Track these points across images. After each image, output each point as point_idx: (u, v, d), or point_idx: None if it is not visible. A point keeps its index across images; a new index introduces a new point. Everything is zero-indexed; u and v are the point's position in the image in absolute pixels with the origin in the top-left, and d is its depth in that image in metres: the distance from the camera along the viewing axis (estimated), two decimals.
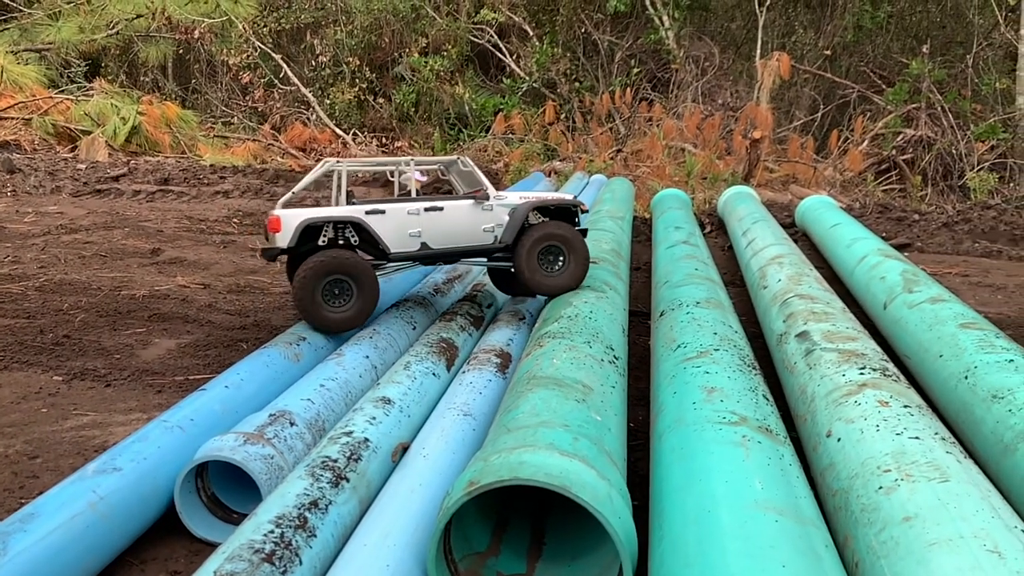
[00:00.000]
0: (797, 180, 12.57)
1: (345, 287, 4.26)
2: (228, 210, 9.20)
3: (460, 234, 4.48)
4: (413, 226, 4.37)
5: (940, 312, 4.58)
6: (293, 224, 4.16)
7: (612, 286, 5.05)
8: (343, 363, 3.97)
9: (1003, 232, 9.01)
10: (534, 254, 4.56)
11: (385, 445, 3.23)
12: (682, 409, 3.24)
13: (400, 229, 4.36)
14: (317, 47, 17.60)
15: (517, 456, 2.54)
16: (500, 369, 4.01)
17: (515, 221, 4.54)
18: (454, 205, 4.49)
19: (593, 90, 16.71)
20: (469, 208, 4.50)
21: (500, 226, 4.55)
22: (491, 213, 4.54)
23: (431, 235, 4.41)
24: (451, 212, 4.45)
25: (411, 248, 4.40)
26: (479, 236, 4.53)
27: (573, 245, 4.60)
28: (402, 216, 4.35)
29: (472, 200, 4.52)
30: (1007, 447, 3.24)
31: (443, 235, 4.44)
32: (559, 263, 4.62)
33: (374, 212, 4.31)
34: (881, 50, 16.00)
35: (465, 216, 4.49)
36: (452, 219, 4.45)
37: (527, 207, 4.61)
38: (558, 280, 4.62)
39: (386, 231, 4.32)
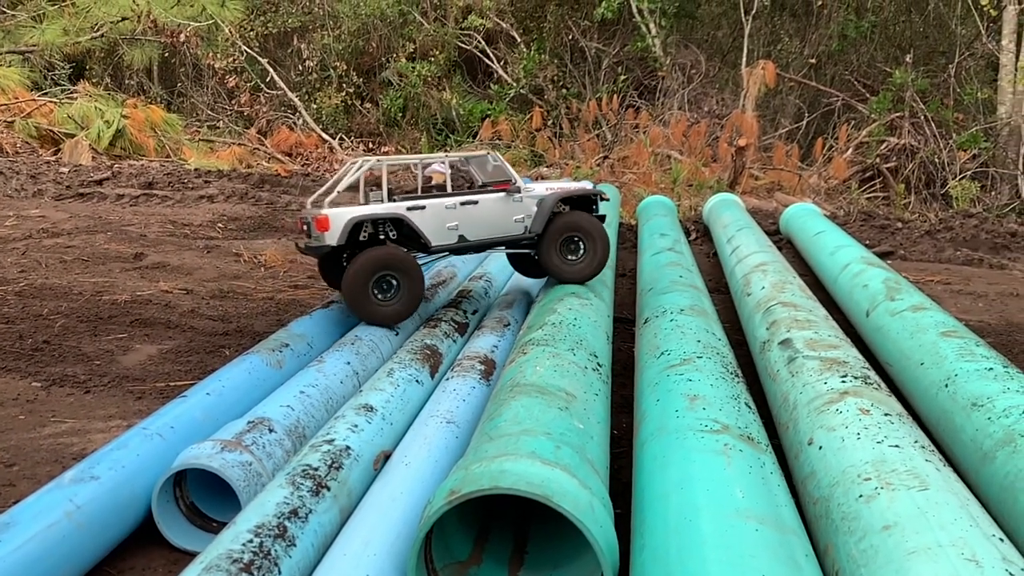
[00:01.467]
0: (782, 187, 12.65)
1: (393, 282, 4.44)
2: (213, 215, 9.14)
3: (493, 225, 4.73)
4: (451, 220, 4.59)
5: (922, 320, 4.62)
6: (342, 222, 4.33)
7: (597, 293, 5.06)
8: (324, 370, 3.95)
9: (984, 240, 9.09)
10: (556, 244, 4.83)
11: (367, 453, 3.21)
12: (665, 417, 3.24)
13: (439, 223, 4.57)
14: (304, 51, 17.56)
15: (498, 465, 2.53)
16: (484, 376, 4.00)
17: (543, 211, 4.79)
18: (487, 198, 4.71)
19: (580, 97, 16.77)
20: (501, 201, 4.74)
21: (529, 216, 4.80)
22: (521, 204, 4.78)
23: (467, 228, 4.63)
24: (485, 205, 4.68)
25: (450, 241, 4.63)
26: (511, 227, 4.78)
27: (593, 235, 4.87)
28: (441, 211, 4.56)
29: (503, 193, 4.74)
30: (986, 455, 3.26)
31: (478, 227, 4.67)
32: (580, 252, 4.90)
33: (415, 208, 4.52)
34: (865, 59, 16.16)
35: (498, 208, 4.73)
36: (486, 212, 4.69)
37: (554, 198, 4.85)
38: (579, 268, 4.92)
39: (427, 225, 4.53)
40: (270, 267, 7.04)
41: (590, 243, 4.90)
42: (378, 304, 4.43)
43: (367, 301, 4.39)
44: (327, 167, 13.58)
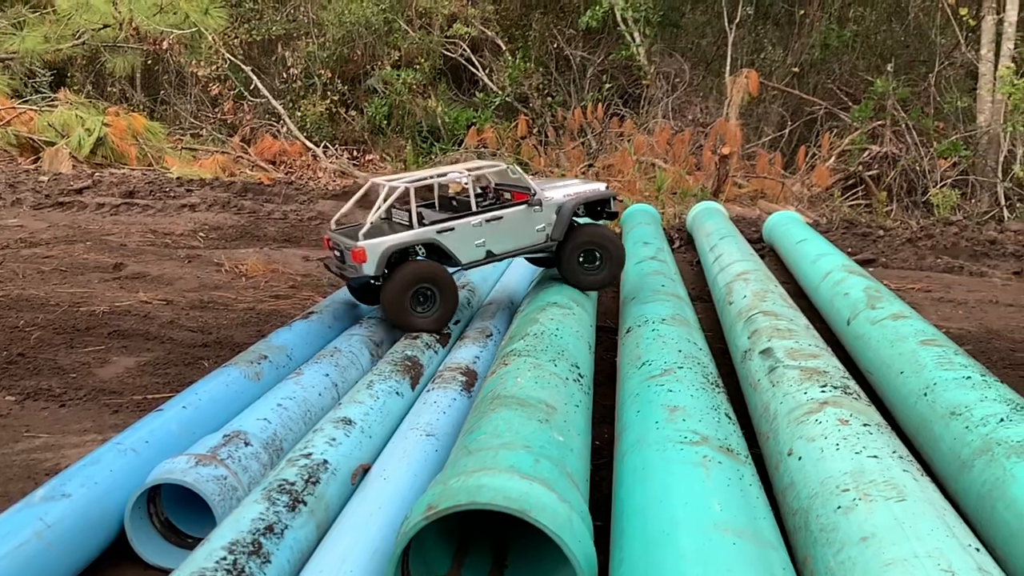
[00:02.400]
0: (765, 195, 12.71)
1: (430, 294, 4.65)
2: (194, 224, 9.08)
3: (518, 237, 4.92)
4: (478, 237, 4.79)
5: (901, 329, 4.64)
6: (378, 253, 4.49)
7: (579, 302, 5.05)
8: (302, 382, 3.92)
9: (964, 248, 9.17)
10: (575, 256, 5.09)
11: (345, 467, 3.18)
12: (645, 428, 3.23)
13: (468, 242, 4.76)
14: (288, 59, 17.49)
15: (476, 479, 2.51)
16: (465, 387, 3.97)
17: (563, 219, 4.99)
18: (510, 212, 4.88)
19: (565, 105, 16.80)
20: (523, 213, 4.91)
21: (550, 224, 4.99)
22: (542, 214, 4.96)
23: (493, 242, 4.84)
24: (508, 219, 4.87)
25: (478, 256, 4.84)
26: (534, 236, 4.97)
27: (609, 248, 5.13)
28: (468, 230, 4.75)
29: (525, 205, 4.91)
30: (964, 464, 3.28)
31: (504, 240, 4.87)
32: (597, 262, 5.15)
33: (445, 231, 4.69)
34: (847, 68, 16.29)
35: (521, 221, 4.91)
36: (510, 225, 4.88)
37: (572, 205, 5.02)
38: (596, 277, 5.20)
39: (456, 246, 4.72)
40: (251, 277, 6.99)
41: (607, 254, 5.15)
42: (417, 315, 4.63)
43: (407, 313, 4.59)
44: (311, 175, 13.52)
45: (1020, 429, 3.21)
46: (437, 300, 4.66)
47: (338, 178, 13.29)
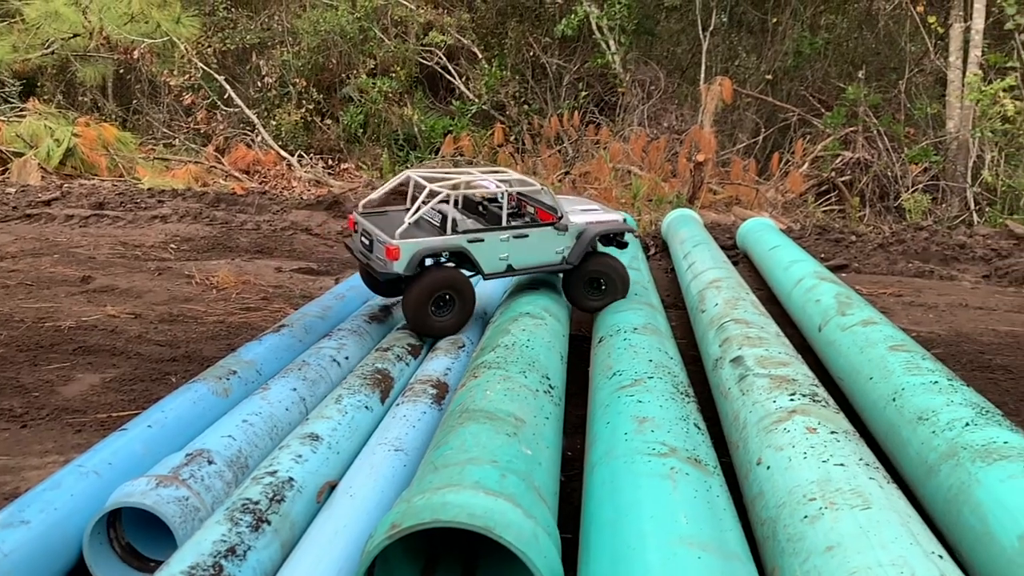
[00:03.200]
0: (740, 202, 12.80)
1: (449, 299, 4.85)
2: (165, 235, 8.96)
3: (537, 255, 5.14)
4: (503, 252, 4.99)
5: (871, 335, 4.67)
6: (411, 254, 4.65)
7: (552, 312, 5.03)
8: (269, 397, 3.86)
9: (935, 252, 9.28)
10: (581, 283, 5.33)
11: (311, 484, 3.13)
12: (614, 440, 3.22)
13: (494, 254, 4.96)
14: (263, 68, 17.38)
15: (441, 496, 2.48)
16: (436, 400, 3.94)
17: (582, 245, 5.20)
18: (537, 232, 5.09)
19: (542, 113, 16.84)
20: (548, 234, 5.13)
21: (569, 248, 5.21)
22: (564, 237, 5.18)
23: (515, 258, 5.05)
24: (534, 238, 5.08)
25: (500, 269, 5.03)
26: (552, 257, 5.19)
27: (614, 278, 5.35)
28: (496, 243, 4.95)
29: (552, 227, 5.12)
30: (931, 468, 3.30)
31: (524, 257, 5.09)
32: (602, 290, 5.39)
33: (475, 240, 4.87)
34: (820, 75, 16.49)
35: (544, 241, 5.12)
36: (534, 244, 5.09)
37: (593, 233, 5.23)
38: (598, 303, 5.40)
39: (483, 257, 4.91)
40: (222, 289, 6.90)
41: (611, 284, 5.38)
42: (435, 319, 4.84)
43: (424, 316, 4.79)
44: (285, 185, 13.42)
45: (985, 433, 3.24)
46: (456, 305, 4.88)
47: (313, 187, 13.20)
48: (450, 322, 4.88)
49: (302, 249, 8.66)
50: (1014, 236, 10.28)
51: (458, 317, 4.90)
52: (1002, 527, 2.68)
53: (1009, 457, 2.99)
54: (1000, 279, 8.75)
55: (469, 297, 4.92)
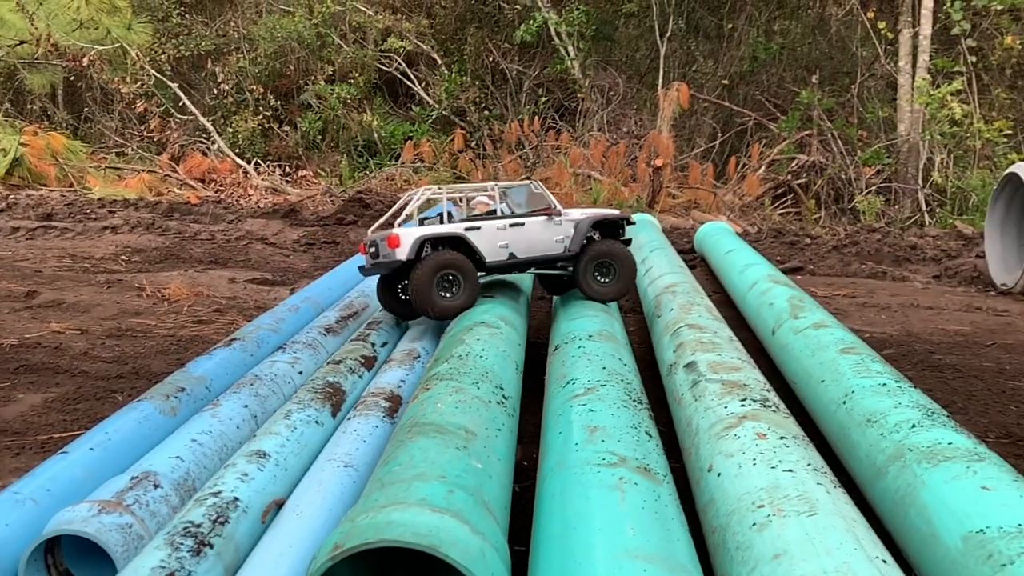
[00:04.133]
0: (699, 205, 12.95)
1: (453, 278, 5.07)
2: (116, 246, 8.75)
3: (538, 245, 5.38)
4: (502, 239, 5.26)
5: (823, 338, 4.73)
6: (411, 240, 4.97)
7: (508, 320, 5.01)
8: (219, 414, 3.77)
9: (887, 254, 9.47)
10: (590, 268, 5.50)
11: (258, 504, 3.06)
12: (565, 450, 3.20)
13: (492, 242, 5.23)
14: (219, 75, 17.15)
15: (386, 515, 2.43)
16: (389, 413, 3.89)
17: (579, 234, 5.45)
18: (532, 221, 5.39)
19: (502, 118, 16.86)
20: (543, 224, 5.40)
21: (568, 237, 5.45)
22: (560, 227, 5.44)
23: (516, 246, 5.30)
24: (530, 227, 5.37)
25: (502, 258, 5.28)
26: (552, 246, 5.43)
27: (622, 261, 5.54)
28: (493, 231, 5.24)
29: (545, 217, 5.41)
30: (879, 471, 3.33)
31: (525, 246, 5.34)
32: (610, 275, 5.56)
33: (472, 228, 5.19)
34: (775, 80, 16.76)
35: (541, 230, 5.39)
36: (531, 233, 5.36)
37: (588, 221, 5.50)
38: (608, 289, 5.56)
39: (482, 243, 5.18)
40: (174, 301, 6.76)
41: (619, 268, 5.55)
42: (442, 299, 5.04)
43: (431, 295, 4.98)
44: (241, 193, 13.22)
45: (930, 435, 3.28)
46: (461, 285, 5.09)
47: (270, 195, 13.03)
48: (457, 302, 5.09)
49: (257, 259, 8.54)
50: (962, 237, 10.53)
51: (464, 297, 5.10)
52: (946, 528, 2.71)
53: (953, 458, 3.03)
54: (950, 279, 8.96)
55: (473, 278, 5.14)
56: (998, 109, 14.30)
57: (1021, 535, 2.45)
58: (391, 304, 5.45)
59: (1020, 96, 14.83)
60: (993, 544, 2.48)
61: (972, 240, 10.74)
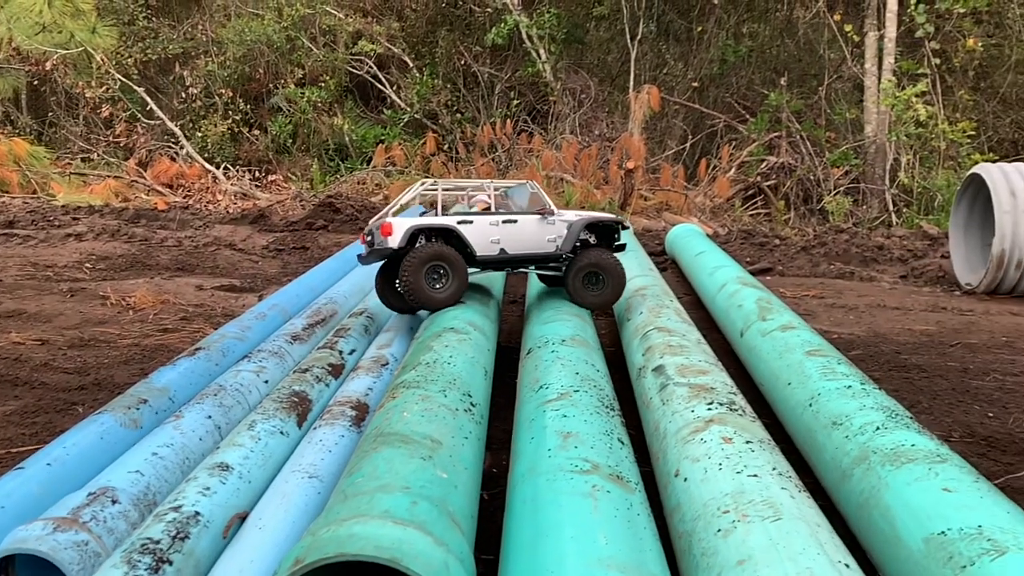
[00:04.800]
0: (670, 207, 13.02)
1: (443, 271, 5.19)
2: (80, 254, 8.59)
3: (529, 243, 5.48)
4: (494, 235, 5.36)
5: (789, 340, 4.76)
6: (403, 229, 5.12)
7: (477, 326, 4.98)
8: (181, 426, 3.69)
9: (855, 254, 9.59)
10: (580, 277, 5.58)
11: (220, 518, 3.00)
12: (537, 456, 3.18)
13: (484, 237, 5.34)
14: (187, 78, 16.95)
15: (347, 528, 2.39)
16: (355, 422, 3.84)
17: (572, 235, 5.55)
18: (525, 219, 5.49)
19: (474, 121, 16.84)
20: (536, 222, 5.50)
21: (561, 237, 5.54)
22: (553, 227, 5.54)
23: (508, 242, 5.40)
24: (522, 224, 5.46)
25: (492, 252, 5.37)
26: (544, 245, 5.52)
27: (611, 272, 5.61)
28: (485, 226, 5.35)
29: (539, 216, 5.52)
30: (844, 473, 3.36)
31: (517, 243, 5.43)
32: (599, 284, 5.64)
33: (464, 222, 5.30)
34: (744, 82, 16.92)
35: (534, 228, 5.48)
36: (524, 230, 5.45)
37: (581, 223, 5.60)
38: (598, 297, 5.64)
39: (473, 237, 5.29)
40: (139, 310, 6.64)
41: (609, 277, 5.62)
42: (430, 290, 5.15)
43: (420, 285, 5.09)
44: (210, 198, 13.06)
45: (894, 436, 3.31)
46: (450, 278, 5.19)
47: (239, 200, 12.88)
48: (446, 294, 5.19)
49: (225, 265, 8.42)
50: (928, 237, 10.70)
51: (452, 289, 5.20)
52: (908, 530, 2.74)
53: (916, 460, 3.06)
54: (916, 279, 9.09)
55: (462, 270, 5.23)
56: (961, 110, 14.56)
57: (980, 537, 2.48)
58: (389, 298, 5.53)
59: (982, 97, 15.12)
60: (954, 546, 2.51)
61: (937, 240, 10.91)
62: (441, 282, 5.20)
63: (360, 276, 6.83)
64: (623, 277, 5.67)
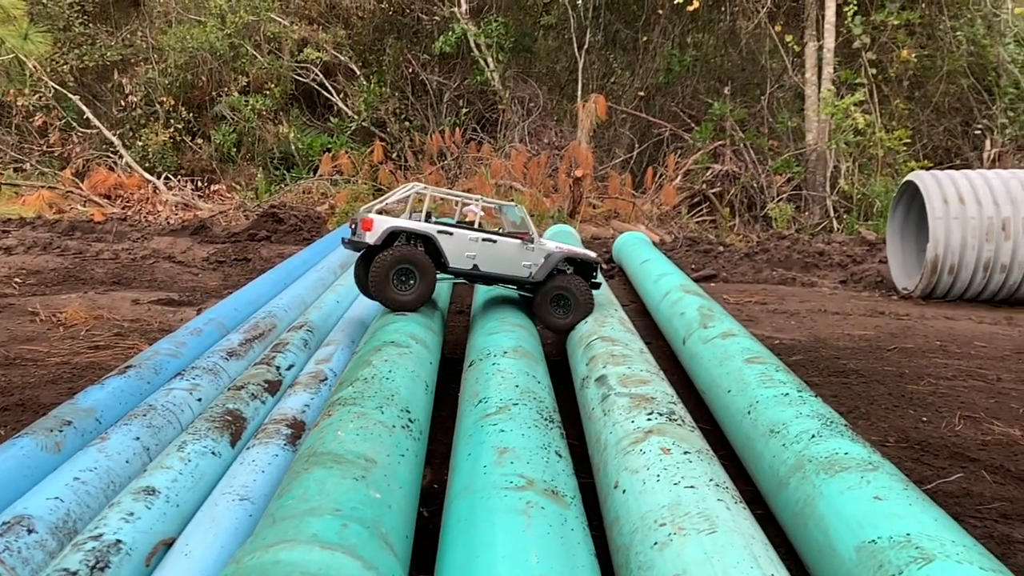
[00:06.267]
0: (619, 215, 13.12)
1: (411, 275, 5.27)
2: (9, 269, 8.25)
3: (504, 264, 5.51)
4: (470, 250, 5.42)
5: (729, 347, 4.80)
6: (382, 227, 5.23)
7: (419, 339, 4.90)
8: (106, 448, 3.54)
9: (796, 260, 9.77)
10: (547, 299, 5.63)
11: (144, 545, 2.87)
12: (473, 473, 3.12)
13: (460, 250, 5.40)
14: (126, 86, 16.50)
15: (273, 554, 2.30)
16: (290, 441, 3.74)
17: (548, 265, 5.58)
18: (505, 241, 5.52)
19: (423, 129, 16.75)
20: (515, 246, 5.53)
21: (536, 266, 5.57)
22: (532, 253, 5.57)
23: (482, 260, 5.46)
24: (501, 246, 5.50)
25: (465, 266, 5.44)
26: (518, 269, 5.56)
27: (577, 298, 5.64)
28: (464, 240, 5.41)
29: (520, 240, 5.55)
30: (781, 482, 3.39)
31: (491, 262, 5.48)
32: (566, 309, 5.66)
33: (443, 232, 5.37)
34: (689, 91, 17.19)
35: (511, 252, 5.52)
36: (501, 251, 5.49)
37: (560, 256, 5.63)
38: (562, 321, 5.66)
39: (449, 249, 5.36)
40: (70, 326, 6.39)
41: (575, 304, 5.63)
42: (395, 292, 5.25)
43: (386, 287, 5.21)
44: (150, 209, 12.70)
45: (828, 445, 3.35)
46: (416, 283, 5.29)
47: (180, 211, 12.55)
48: (410, 297, 5.28)
49: (164, 278, 8.18)
50: (866, 243, 10.97)
51: (417, 294, 5.28)
52: (841, 539, 2.76)
53: (849, 468, 3.10)
54: (855, 284, 9.30)
55: (430, 277, 5.31)
56: (897, 119, 15.02)
57: (909, 545, 2.51)
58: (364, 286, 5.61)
59: (917, 106, 15.62)
60: (884, 554, 2.54)
61: (876, 246, 11.21)
62: (407, 285, 5.29)
63: (302, 288, 6.70)
64: (590, 303, 5.69)
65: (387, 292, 5.24)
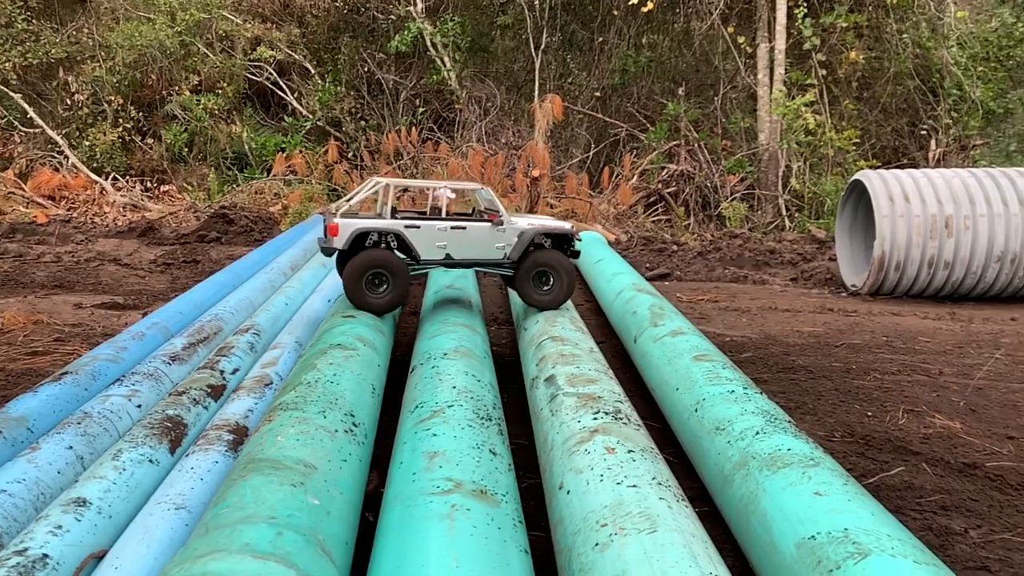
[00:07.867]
0: (576, 215, 13.16)
1: (384, 278, 5.26)
2: None
3: (477, 249, 5.47)
4: (440, 240, 5.37)
5: (679, 345, 4.83)
6: (348, 231, 5.19)
7: (367, 341, 4.83)
8: (36, 459, 3.40)
9: (748, 258, 9.90)
10: (529, 276, 5.56)
11: (72, 559, 2.77)
12: (403, 481, 3.07)
13: (430, 241, 5.36)
14: (72, 84, 16.05)
15: (202, 565, 2.23)
16: (232, 447, 3.65)
17: (522, 242, 5.50)
18: (474, 226, 5.46)
19: (379, 129, 16.61)
20: (486, 229, 5.46)
21: (510, 246, 5.50)
22: (504, 235, 5.49)
23: (454, 248, 5.41)
24: (471, 231, 5.43)
25: (438, 257, 5.41)
26: (492, 252, 5.50)
27: (560, 272, 5.58)
28: (433, 231, 5.36)
29: (490, 223, 5.47)
30: (726, 479, 3.41)
31: (464, 248, 5.44)
32: (550, 284, 5.61)
33: (411, 227, 5.31)
34: (644, 92, 17.31)
35: (483, 235, 5.45)
36: (472, 237, 5.43)
37: (533, 232, 5.55)
38: (546, 298, 5.61)
39: (419, 242, 5.33)
40: (7, 331, 6.17)
41: (558, 278, 5.58)
42: (369, 296, 5.24)
43: (360, 291, 5.21)
44: (96, 210, 12.37)
45: (771, 441, 3.38)
46: (390, 286, 5.27)
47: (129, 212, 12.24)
48: (384, 300, 5.27)
49: (109, 282, 7.96)
50: (816, 241, 11.17)
51: (391, 296, 5.28)
52: (783, 535, 2.78)
53: (791, 464, 3.12)
54: (805, 281, 9.46)
55: (402, 278, 5.29)
56: (847, 119, 15.33)
57: (847, 540, 2.54)
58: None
59: (865, 107, 15.96)
60: (822, 550, 2.56)
61: (825, 244, 11.42)
62: (381, 288, 5.28)
63: (250, 291, 6.56)
64: (573, 277, 5.67)
65: (364, 298, 5.23)
